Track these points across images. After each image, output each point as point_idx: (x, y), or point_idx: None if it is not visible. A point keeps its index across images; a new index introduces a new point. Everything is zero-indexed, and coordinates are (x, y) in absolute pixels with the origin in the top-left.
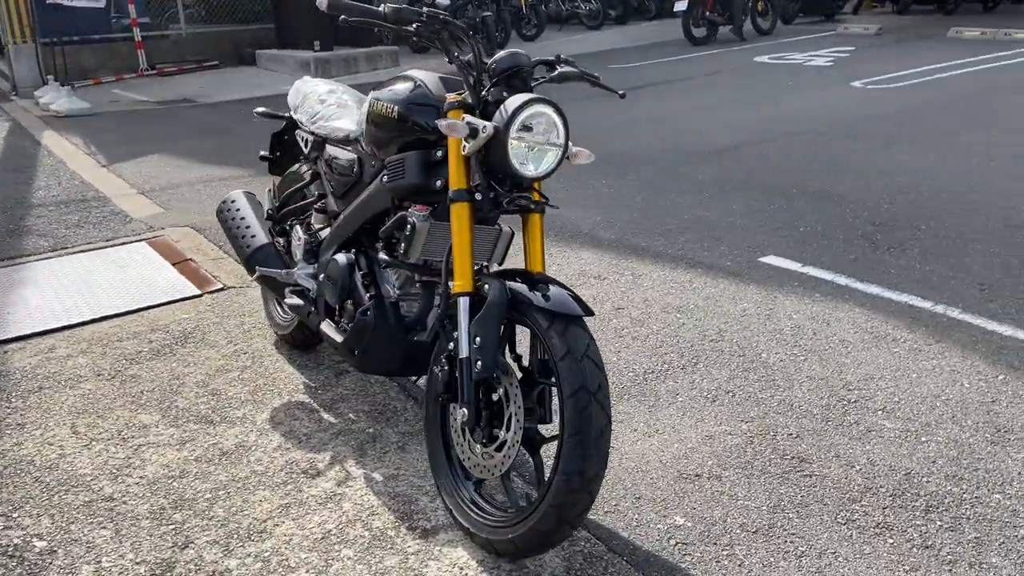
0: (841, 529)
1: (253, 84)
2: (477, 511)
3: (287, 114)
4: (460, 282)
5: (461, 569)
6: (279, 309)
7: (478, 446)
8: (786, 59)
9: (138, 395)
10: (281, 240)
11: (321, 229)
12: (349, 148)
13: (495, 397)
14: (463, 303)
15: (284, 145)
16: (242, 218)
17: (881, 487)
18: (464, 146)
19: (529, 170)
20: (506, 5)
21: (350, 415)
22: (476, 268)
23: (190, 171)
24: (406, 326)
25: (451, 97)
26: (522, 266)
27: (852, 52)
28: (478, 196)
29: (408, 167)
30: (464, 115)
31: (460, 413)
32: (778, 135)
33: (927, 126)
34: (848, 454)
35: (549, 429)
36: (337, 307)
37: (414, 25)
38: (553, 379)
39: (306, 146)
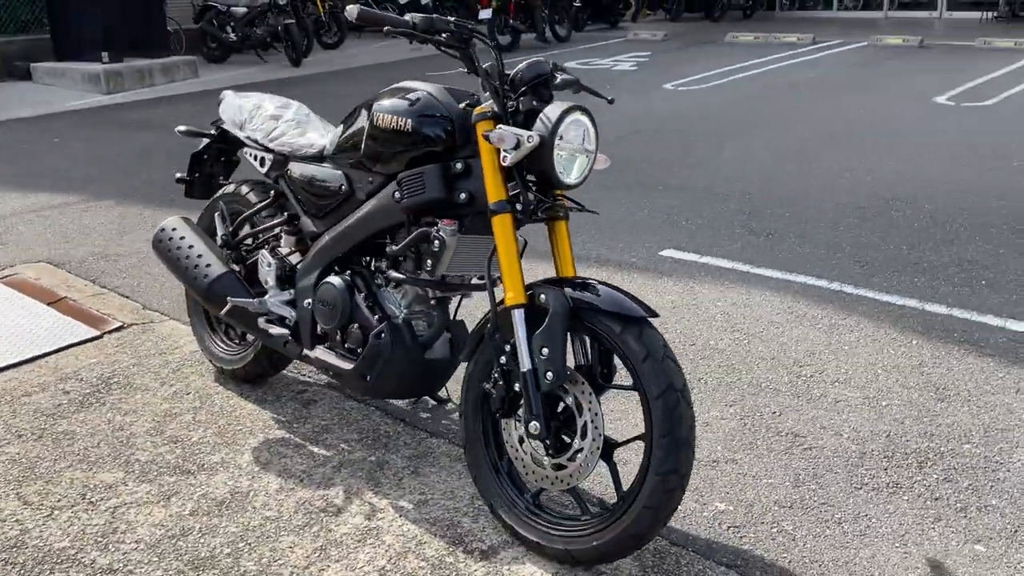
0: (860, 493)
1: (34, 101)
2: (544, 523)
3: (214, 131)
4: (512, 294)
5: None
6: (220, 343)
7: (545, 458)
8: (593, 64)
9: (83, 453)
10: (237, 267)
11: (291, 253)
12: (326, 165)
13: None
14: (518, 315)
15: (203, 166)
16: (190, 246)
17: (873, 451)
18: (504, 157)
19: (568, 177)
20: (305, 13)
21: (342, 446)
22: (492, 279)
23: (6, 201)
24: (422, 345)
25: (480, 108)
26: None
27: (650, 57)
28: (518, 206)
29: (428, 181)
30: (501, 125)
31: (531, 426)
32: (620, 135)
33: (744, 122)
34: (831, 425)
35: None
36: (338, 332)
37: (443, 35)
38: (604, 382)
39: (262, 165)
